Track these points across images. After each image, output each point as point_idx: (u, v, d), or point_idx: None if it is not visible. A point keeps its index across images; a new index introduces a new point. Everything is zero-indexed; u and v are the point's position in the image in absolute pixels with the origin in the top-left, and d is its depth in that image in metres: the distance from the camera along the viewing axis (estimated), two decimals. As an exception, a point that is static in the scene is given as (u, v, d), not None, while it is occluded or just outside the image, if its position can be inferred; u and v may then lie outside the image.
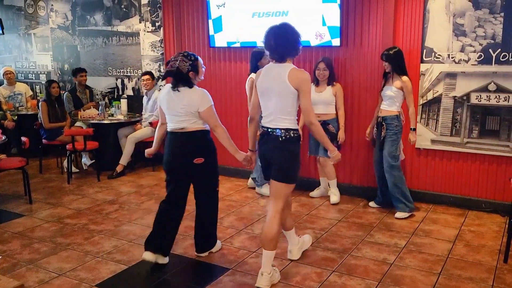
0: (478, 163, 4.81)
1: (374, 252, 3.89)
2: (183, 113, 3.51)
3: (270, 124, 3.24)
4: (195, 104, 3.49)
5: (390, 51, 4.53)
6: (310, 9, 5.17)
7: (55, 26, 7.96)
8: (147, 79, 6.51)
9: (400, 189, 4.64)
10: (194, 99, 3.50)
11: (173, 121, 3.58)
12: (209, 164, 3.63)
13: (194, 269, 3.67)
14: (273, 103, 3.21)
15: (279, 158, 3.24)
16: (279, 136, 3.20)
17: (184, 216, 4.74)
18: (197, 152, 3.56)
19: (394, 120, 4.57)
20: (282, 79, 3.14)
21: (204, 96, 3.54)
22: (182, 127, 3.55)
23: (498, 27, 4.50)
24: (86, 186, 5.89)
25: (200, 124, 3.58)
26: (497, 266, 3.63)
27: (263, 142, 3.31)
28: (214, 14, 5.85)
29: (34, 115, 7.23)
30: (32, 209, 5.06)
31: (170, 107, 3.56)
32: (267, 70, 3.28)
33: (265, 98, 3.27)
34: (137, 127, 6.60)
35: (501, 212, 4.71)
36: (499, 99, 4.59)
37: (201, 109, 3.50)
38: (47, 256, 3.87)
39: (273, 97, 3.20)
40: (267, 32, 3.20)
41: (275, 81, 3.18)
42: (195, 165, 3.54)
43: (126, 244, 4.09)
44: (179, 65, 3.48)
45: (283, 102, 3.18)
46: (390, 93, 4.54)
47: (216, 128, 3.59)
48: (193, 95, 3.51)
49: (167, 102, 3.58)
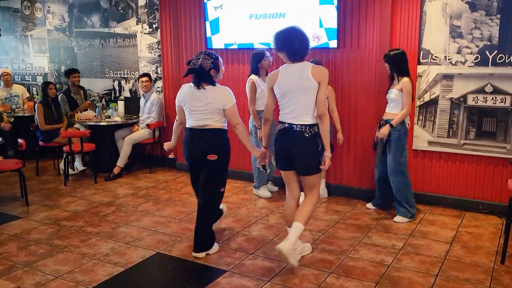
0: (475, 165, 4.82)
1: (372, 254, 3.89)
2: (208, 111, 3.65)
3: (294, 120, 3.45)
4: (221, 102, 3.65)
5: (390, 52, 4.51)
6: (307, 11, 5.17)
7: (52, 28, 7.94)
8: (146, 81, 6.50)
9: (404, 194, 4.56)
10: (220, 97, 3.65)
11: (195, 119, 3.71)
12: (221, 162, 3.76)
13: (191, 271, 3.66)
14: (297, 100, 3.42)
15: (305, 153, 3.47)
16: (304, 131, 3.43)
17: (181, 218, 4.76)
18: (212, 149, 3.68)
19: (398, 124, 4.48)
20: (306, 75, 3.39)
21: (230, 94, 3.70)
22: (204, 124, 3.69)
23: (495, 29, 4.51)
24: (83, 188, 5.88)
25: (221, 123, 3.73)
26: (494, 267, 3.63)
27: (284, 138, 3.50)
28: (211, 16, 5.85)
29: (31, 117, 7.20)
30: (29, 211, 5.05)
31: (194, 105, 3.68)
32: (285, 71, 3.48)
33: (287, 97, 3.45)
34: (134, 128, 6.59)
35: (498, 213, 4.72)
36: (495, 100, 4.60)
37: (227, 106, 3.66)
38: (43, 258, 3.86)
39: (296, 94, 3.42)
40: (288, 35, 3.44)
41: (299, 79, 3.41)
42: (208, 161, 3.67)
43: (123, 246, 4.08)
44: (202, 63, 3.59)
45: (307, 99, 3.41)
46: (392, 95, 4.50)
47: (237, 125, 3.73)
48: (218, 92, 3.67)
49: (190, 100, 3.69)
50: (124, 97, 7.21)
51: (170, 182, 6.14)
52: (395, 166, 4.52)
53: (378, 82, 4.99)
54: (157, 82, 6.85)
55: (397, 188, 4.57)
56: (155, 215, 4.88)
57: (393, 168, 4.53)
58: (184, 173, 6.53)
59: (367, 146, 5.13)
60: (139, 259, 3.83)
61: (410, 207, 4.59)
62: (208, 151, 3.67)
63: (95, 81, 7.55)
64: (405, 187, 4.57)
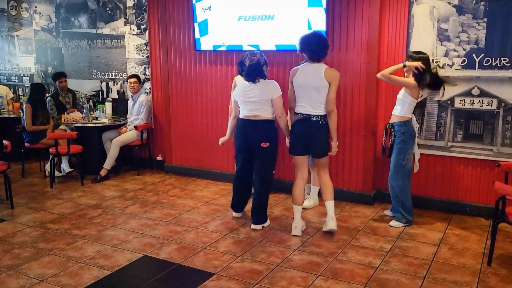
0: (462, 167, 4.85)
1: (360, 256, 3.89)
2: (258, 101, 4.28)
3: (309, 111, 4.13)
4: (269, 93, 4.26)
5: (415, 53, 4.39)
6: (296, 13, 5.17)
7: (38, 28, 7.86)
8: (134, 82, 6.46)
9: (401, 200, 4.52)
10: (269, 88, 4.28)
11: (247, 109, 4.34)
12: (272, 149, 4.39)
13: (179, 274, 3.63)
14: (310, 95, 4.10)
15: (321, 138, 4.20)
16: (319, 120, 4.14)
17: (169, 220, 4.73)
18: (265, 137, 4.31)
19: (402, 127, 4.38)
20: (320, 75, 4.07)
21: (276, 86, 4.33)
22: (256, 115, 4.31)
23: (482, 32, 4.55)
24: (69, 191, 5.81)
25: (270, 114, 4.32)
26: (481, 269, 3.65)
27: (303, 126, 4.16)
28: (200, 18, 5.82)
29: (16, 118, 7.12)
30: (14, 213, 4.97)
31: (247, 96, 4.31)
32: (304, 69, 4.15)
33: (303, 91, 4.13)
34: (122, 130, 6.54)
35: (485, 215, 4.75)
36: (482, 103, 4.64)
37: (274, 96, 4.26)
38: (28, 261, 3.80)
39: (310, 90, 4.09)
40: (310, 39, 4.10)
41: (315, 77, 4.08)
42: (261, 147, 4.30)
43: (110, 249, 4.03)
44: (259, 59, 4.26)
45: (319, 95, 4.09)
46: (399, 96, 4.44)
47: (282, 114, 4.33)
48: (268, 85, 4.32)
49: (244, 93, 4.33)
50: (111, 99, 7.16)
51: (158, 184, 6.10)
52: (397, 169, 4.46)
53: (367, 84, 5.00)
54: (145, 84, 6.81)
55: (394, 193, 4.54)
56: (143, 217, 4.83)
57: (394, 171, 4.48)
58: (172, 175, 6.50)
59: (355, 148, 5.14)
60: (126, 262, 3.79)
61: (406, 213, 4.54)
62: (262, 139, 4.30)
63: (82, 82, 7.48)
64: (403, 192, 4.50)
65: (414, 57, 4.36)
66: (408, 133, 4.40)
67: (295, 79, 4.18)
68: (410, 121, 4.43)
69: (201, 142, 6.27)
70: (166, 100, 6.47)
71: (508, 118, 4.56)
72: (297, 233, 4.30)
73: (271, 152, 4.42)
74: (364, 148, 5.14)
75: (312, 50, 4.10)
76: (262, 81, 4.31)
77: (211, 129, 6.14)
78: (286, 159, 5.51)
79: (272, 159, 4.49)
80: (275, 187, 5.46)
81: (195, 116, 6.26)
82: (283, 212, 4.98)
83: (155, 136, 6.86)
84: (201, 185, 6.02)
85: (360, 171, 5.21)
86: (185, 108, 6.32)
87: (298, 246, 4.06)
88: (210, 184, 6.06)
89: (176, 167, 6.57)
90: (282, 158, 5.62)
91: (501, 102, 4.56)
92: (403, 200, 4.53)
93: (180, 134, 6.45)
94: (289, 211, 5.00)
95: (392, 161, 4.51)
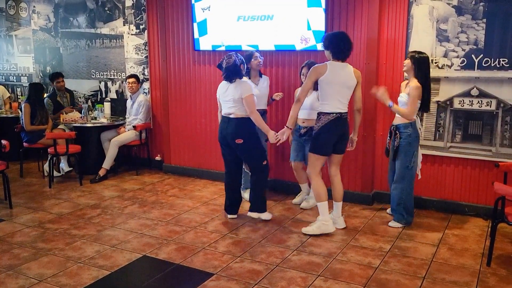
0: (461, 167, 4.86)
1: (359, 256, 3.89)
2: (231, 100, 4.43)
3: (342, 109, 4.21)
4: (241, 92, 4.37)
5: (415, 53, 4.33)
6: (295, 13, 5.17)
7: (37, 28, 7.85)
8: (133, 82, 6.45)
9: (403, 201, 4.49)
10: (241, 88, 4.39)
11: (225, 108, 4.53)
12: (248, 144, 4.49)
13: (178, 274, 3.63)
14: (342, 93, 4.19)
15: (349, 134, 4.40)
16: (347, 117, 4.29)
17: (168, 220, 4.72)
18: (239, 133, 4.46)
19: (408, 129, 4.33)
20: (351, 75, 4.20)
21: (248, 86, 4.45)
22: (230, 112, 4.48)
23: (481, 33, 4.56)
24: (68, 191, 5.80)
25: (243, 112, 4.44)
26: (481, 269, 3.66)
27: (339, 123, 4.21)
28: (199, 17, 5.82)
29: (15, 118, 7.10)
30: (12, 213, 4.96)
31: (224, 95, 4.51)
32: (333, 67, 4.15)
33: (337, 89, 4.15)
34: (121, 130, 6.53)
35: (484, 216, 4.76)
36: (481, 104, 4.64)
37: (244, 95, 4.37)
38: (27, 261, 3.79)
39: (342, 88, 4.18)
40: (345, 40, 4.15)
41: (347, 76, 4.18)
42: (237, 144, 4.47)
43: (109, 249, 4.03)
44: (235, 59, 4.42)
45: (351, 92, 4.25)
46: (401, 99, 4.40)
47: (252, 113, 4.42)
48: (240, 84, 4.43)
49: (222, 93, 4.55)
50: (110, 99, 7.15)
51: (156, 184, 6.09)
52: (403, 172, 4.41)
53: (366, 84, 5.00)
54: (144, 84, 6.80)
55: (398, 195, 4.49)
56: (142, 217, 4.83)
57: (401, 174, 4.43)
58: (171, 175, 6.49)
59: (354, 148, 5.14)
60: (125, 262, 3.78)
61: (407, 214, 4.53)
62: (235, 136, 4.46)
63: (81, 82, 7.47)
64: (407, 195, 4.48)
65: (415, 57, 4.32)
66: (414, 134, 4.38)
67: (325, 77, 4.13)
68: (415, 122, 4.40)
69: (200, 142, 6.27)
70: (165, 100, 6.47)
71: (507, 118, 4.57)
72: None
73: (248, 147, 4.51)
74: (363, 148, 5.14)
75: (341, 49, 4.14)
76: (237, 81, 4.45)
77: (209, 129, 6.14)
78: (286, 159, 5.51)
79: (254, 152, 4.56)
80: (275, 187, 5.46)
81: (194, 116, 6.25)
82: (283, 212, 4.98)
83: (154, 136, 6.85)
84: (199, 185, 6.01)
85: (359, 172, 5.22)
86: (184, 108, 6.32)
87: (297, 247, 4.06)
88: (209, 184, 6.05)
89: (174, 167, 6.56)
90: (282, 158, 5.63)
91: (500, 103, 4.57)
92: (406, 202, 4.51)
93: (179, 134, 6.44)
94: (289, 211, 5.00)
95: (398, 164, 4.45)
